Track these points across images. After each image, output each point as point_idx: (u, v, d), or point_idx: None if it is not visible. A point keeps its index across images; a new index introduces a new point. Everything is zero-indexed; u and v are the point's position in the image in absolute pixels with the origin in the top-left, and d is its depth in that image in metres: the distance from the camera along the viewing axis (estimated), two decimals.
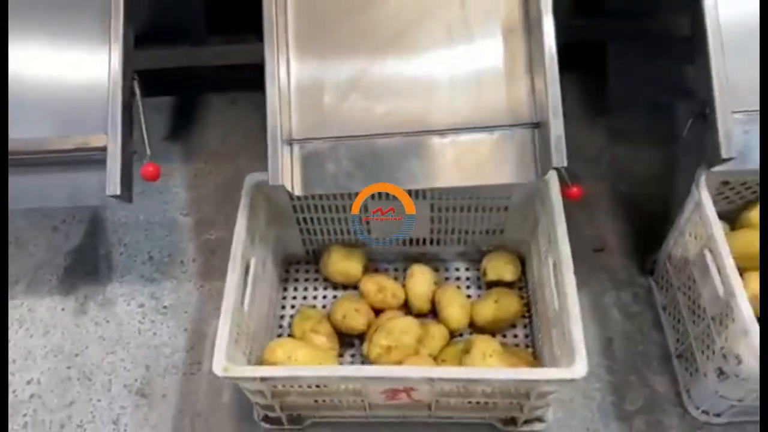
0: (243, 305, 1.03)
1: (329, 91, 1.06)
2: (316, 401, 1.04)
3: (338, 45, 1.08)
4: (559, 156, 0.95)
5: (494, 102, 1.03)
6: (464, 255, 1.29)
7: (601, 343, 1.20)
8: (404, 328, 1.09)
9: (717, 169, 1.00)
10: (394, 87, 1.06)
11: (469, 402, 1.03)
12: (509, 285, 1.22)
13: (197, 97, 1.62)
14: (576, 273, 1.27)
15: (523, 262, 1.25)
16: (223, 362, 0.90)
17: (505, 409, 1.04)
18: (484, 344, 1.06)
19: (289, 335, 1.20)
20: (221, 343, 0.92)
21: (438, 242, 1.26)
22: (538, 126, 1.00)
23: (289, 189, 1.01)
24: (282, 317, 1.24)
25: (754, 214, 1.08)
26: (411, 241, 1.26)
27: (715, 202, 1.10)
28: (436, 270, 1.27)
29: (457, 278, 1.28)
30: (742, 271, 0.98)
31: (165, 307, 1.30)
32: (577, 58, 1.55)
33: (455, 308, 1.15)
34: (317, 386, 0.98)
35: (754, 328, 0.88)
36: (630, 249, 1.31)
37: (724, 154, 0.94)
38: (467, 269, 1.28)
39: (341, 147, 1.05)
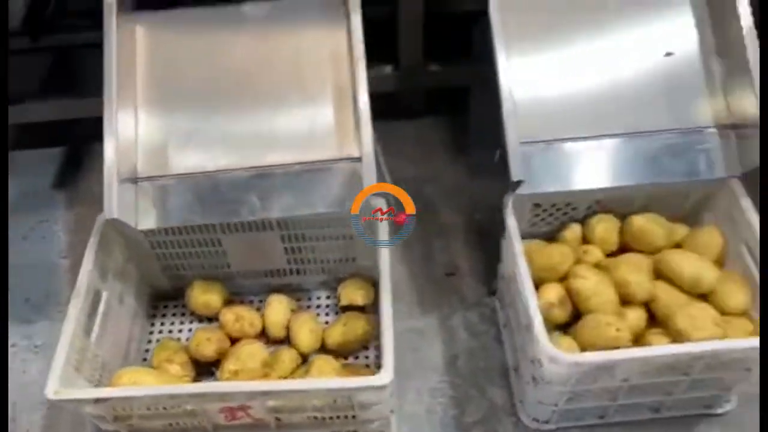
0: (90, 335, 1.09)
1: (175, 132, 1.16)
2: (163, 425, 1.10)
3: (185, 91, 1.18)
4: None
5: (324, 141, 1.15)
6: (325, 284, 1.37)
7: (446, 360, 1.28)
8: (250, 352, 1.16)
9: (522, 192, 1.12)
10: (237, 127, 1.17)
11: (308, 418, 1.09)
12: (362, 309, 1.30)
13: (84, 146, 1.71)
14: (428, 296, 1.39)
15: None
16: (56, 386, 0.96)
17: (342, 424, 1.10)
18: (323, 363, 1.14)
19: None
20: (56, 368, 0.98)
21: (299, 272, 1.34)
22: (360, 160, 1.12)
23: (131, 224, 1.09)
24: (147, 350, 1.30)
25: (567, 233, 1.20)
26: (272, 272, 1.34)
27: (533, 224, 1.22)
28: (299, 299, 1.35)
29: (318, 306, 1.35)
30: (543, 281, 1.08)
31: (36, 346, 1.34)
32: (446, 101, 1.70)
33: (305, 333, 1.22)
34: (157, 408, 1.04)
35: (543, 336, 0.97)
36: (480, 272, 1.41)
37: (513, 177, 1.05)
38: (328, 297, 1.36)
39: (184, 183, 1.14)
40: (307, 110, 1.16)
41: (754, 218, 1.09)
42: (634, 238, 1.14)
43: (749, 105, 1.09)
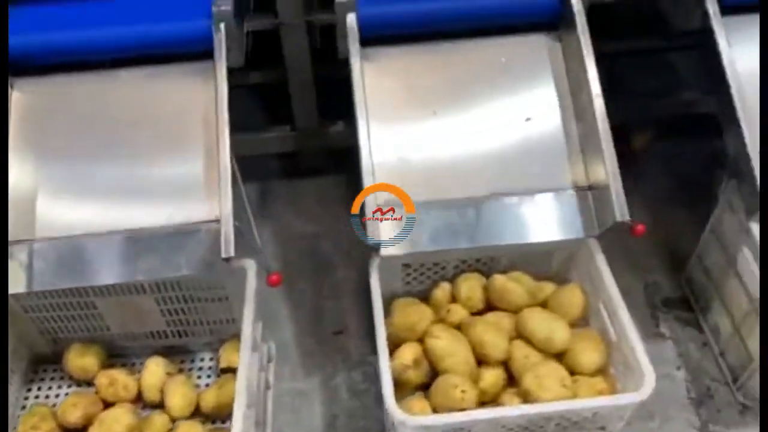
0: None
1: (43, 194, 1.16)
2: None
3: (58, 154, 1.19)
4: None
5: (193, 203, 1.16)
6: (210, 345, 1.36)
7: (326, 421, 1.27)
8: (115, 417, 1.14)
9: (386, 254, 1.14)
10: (107, 190, 1.17)
11: None
12: None
13: None
14: (314, 356, 1.39)
15: None
16: None
17: None
18: (188, 428, 1.13)
19: None
20: None
21: (181, 334, 1.33)
22: (218, 221, 1.13)
23: None
24: (19, 417, 1.27)
25: (437, 291, 1.22)
26: (154, 334, 1.33)
27: (407, 283, 1.25)
28: (182, 361, 1.34)
29: (200, 368, 1.34)
30: (403, 341, 1.09)
31: None
32: (347, 159, 1.72)
33: (178, 397, 1.20)
34: None
35: (390, 399, 0.97)
36: (367, 330, 1.41)
37: (369, 240, 1.08)
38: (211, 359, 1.36)
39: (52, 246, 1.14)
40: (178, 173, 1.17)
41: (608, 278, 1.12)
42: (496, 296, 1.16)
43: (601, 169, 1.14)
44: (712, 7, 1.20)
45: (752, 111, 1.17)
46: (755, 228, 1.18)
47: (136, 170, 1.18)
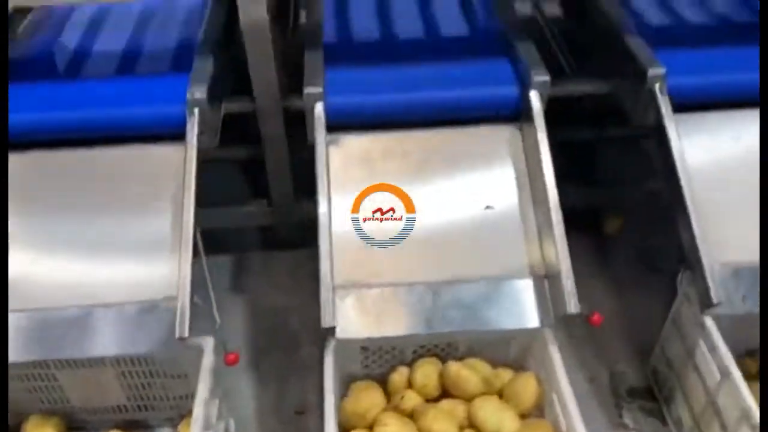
0: None
1: (11, 267, 1.20)
2: None
3: (26, 223, 1.24)
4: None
5: (156, 281, 1.19)
6: (171, 420, 1.36)
7: None
8: None
9: (342, 337, 1.16)
10: (71, 263, 1.21)
11: None
12: None
13: None
14: None
15: None
16: None
17: None
18: None
19: None
20: None
21: (142, 408, 1.34)
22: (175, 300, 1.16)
23: None
24: None
25: (395, 375, 1.22)
26: (115, 408, 1.33)
27: (366, 366, 1.25)
28: None
29: None
30: (354, 426, 1.10)
31: None
32: None
33: None
34: None
35: None
36: None
37: (324, 324, 1.10)
38: None
39: (14, 319, 1.16)
40: (144, 249, 1.21)
41: (560, 369, 1.13)
42: (451, 384, 1.17)
43: (554, 257, 1.17)
44: (665, 106, 1.27)
45: (703, 205, 1.21)
46: (709, 322, 1.20)
47: (103, 246, 1.22)
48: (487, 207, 1.26)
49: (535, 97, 1.27)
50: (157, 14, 1.61)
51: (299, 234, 1.75)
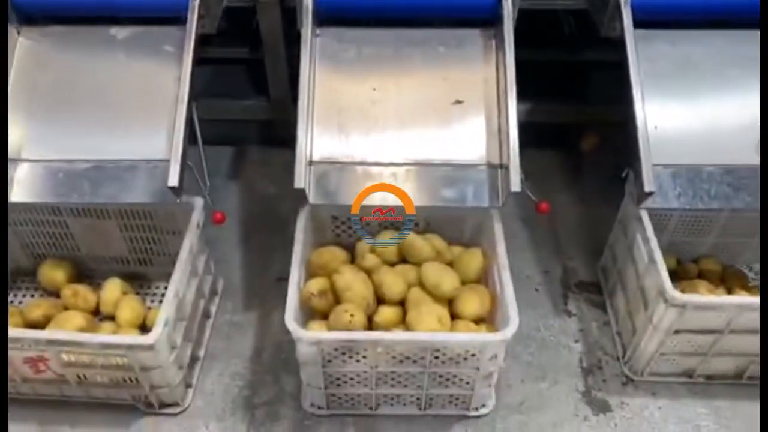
0: None
1: (32, 123, 1.36)
2: None
3: (46, 87, 1.38)
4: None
5: (158, 143, 1.35)
6: (168, 275, 1.49)
7: (254, 351, 1.45)
8: (68, 318, 1.35)
9: (314, 203, 1.31)
10: (81, 123, 1.36)
11: (110, 381, 1.26)
12: None
13: None
14: (256, 296, 1.56)
15: None
16: None
17: (134, 387, 1.26)
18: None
19: None
20: None
21: (142, 262, 1.53)
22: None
23: None
24: None
25: (360, 243, 1.38)
26: (118, 259, 1.52)
27: (337, 235, 1.42)
28: (141, 286, 1.53)
29: (155, 294, 1.53)
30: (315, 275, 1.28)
31: None
32: None
33: (127, 310, 1.40)
34: None
35: (291, 320, 1.15)
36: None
37: (296, 184, 1.26)
38: (165, 287, 1.52)
39: (34, 168, 1.33)
40: (147, 116, 1.35)
41: (501, 244, 1.27)
42: (406, 251, 1.33)
43: (505, 148, 1.30)
44: (627, 17, 1.37)
45: (651, 112, 1.32)
46: (645, 216, 1.33)
47: (113, 111, 1.37)
48: (456, 101, 1.38)
49: (507, 3, 1.38)
50: None
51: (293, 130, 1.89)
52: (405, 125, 1.38)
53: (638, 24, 1.39)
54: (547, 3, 1.54)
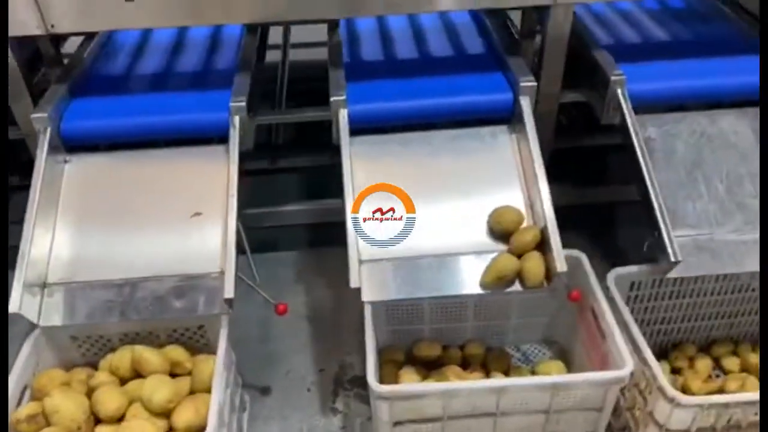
0: None
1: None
2: None
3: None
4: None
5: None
6: None
7: None
8: None
9: (45, 324, 1.31)
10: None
11: None
12: None
13: None
14: None
15: None
16: None
17: None
18: None
19: None
20: None
21: None
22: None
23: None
24: None
25: (102, 362, 1.37)
26: None
27: (83, 355, 1.40)
28: None
29: None
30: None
31: None
32: None
33: None
34: None
35: None
36: None
37: None
38: None
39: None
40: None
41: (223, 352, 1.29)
42: (136, 365, 1.33)
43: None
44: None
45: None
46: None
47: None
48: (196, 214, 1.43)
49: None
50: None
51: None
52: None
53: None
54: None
